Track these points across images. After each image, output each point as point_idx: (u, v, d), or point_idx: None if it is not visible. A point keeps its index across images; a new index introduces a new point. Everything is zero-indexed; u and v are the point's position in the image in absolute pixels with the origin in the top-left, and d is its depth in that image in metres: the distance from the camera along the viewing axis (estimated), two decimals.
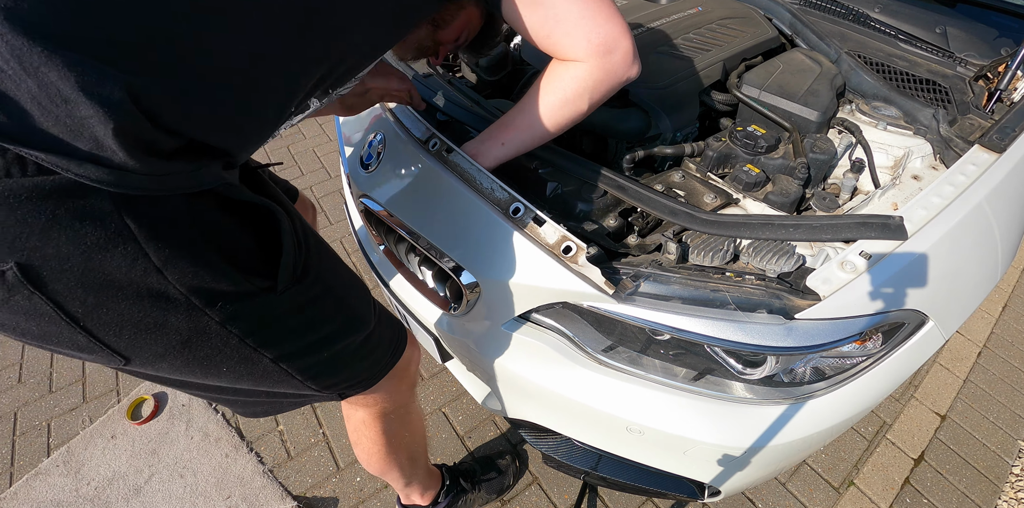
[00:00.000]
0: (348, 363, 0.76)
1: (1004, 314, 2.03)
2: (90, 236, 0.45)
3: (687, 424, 0.85)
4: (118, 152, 0.44)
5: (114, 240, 0.46)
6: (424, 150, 0.97)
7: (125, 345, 0.53)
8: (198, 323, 0.55)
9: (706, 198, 0.94)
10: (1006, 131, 0.98)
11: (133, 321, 0.52)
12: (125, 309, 0.50)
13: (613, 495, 1.40)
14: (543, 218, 0.80)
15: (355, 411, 0.91)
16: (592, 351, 0.89)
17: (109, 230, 0.46)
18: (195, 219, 0.52)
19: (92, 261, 0.46)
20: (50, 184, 0.42)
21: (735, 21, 1.27)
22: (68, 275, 0.46)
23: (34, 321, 0.48)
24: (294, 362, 0.67)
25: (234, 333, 0.58)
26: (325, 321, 0.69)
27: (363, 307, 0.77)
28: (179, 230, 0.51)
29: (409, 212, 1.00)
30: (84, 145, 0.43)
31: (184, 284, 0.52)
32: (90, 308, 0.49)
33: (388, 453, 0.98)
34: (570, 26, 0.70)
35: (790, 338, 0.74)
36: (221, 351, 0.59)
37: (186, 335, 0.55)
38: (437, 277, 1.07)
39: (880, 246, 0.79)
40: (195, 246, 0.52)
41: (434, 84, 1.15)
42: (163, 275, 0.50)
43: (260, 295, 0.59)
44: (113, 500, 1.37)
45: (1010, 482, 1.52)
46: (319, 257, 0.69)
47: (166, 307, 0.52)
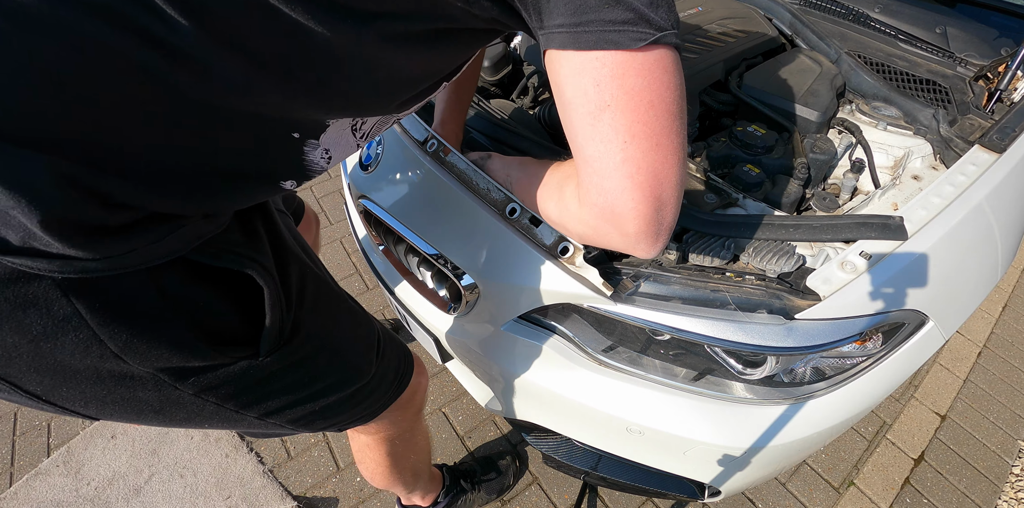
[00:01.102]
0: (344, 408, 0.72)
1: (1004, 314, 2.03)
2: (35, 326, 0.41)
3: (687, 424, 0.85)
4: (53, 243, 0.38)
5: (63, 328, 0.42)
6: (422, 151, 0.97)
7: (95, 412, 0.50)
8: (169, 396, 0.51)
9: (706, 198, 0.94)
10: (1006, 131, 0.98)
11: (97, 398, 0.48)
12: (87, 388, 0.47)
13: (613, 495, 1.40)
14: (539, 219, 0.80)
15: (358, 435, 0.89)
16: (592, 351, 0.89)
17: (56, 318, 0.41)
18: (159, 291, 0.46)
19: (41, 349, 0.42)
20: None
21: (735, 21, 1.27)
22: (18, 362, 0.43)
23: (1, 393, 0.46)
24: (281, 416, 0.63)
25: (210, 401, 0.54)
26: (316, 378, 0.64)
27: (361, 356, 0.71)
28: (139, 310, 0.45)
29: (408, 213, 1.00)
30: (14, 236, 0.38)
31: (148, 365, 0.47)
32: (49, 388, 0.46)
33: (392, 473, 0.98)
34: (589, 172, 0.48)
35: (790, 338, 0.74)
36: (199, 414, 0.55)
37: (158, 405, 0.52)
38: (436, 278, 1.07)
39: (880, 246, 0.79)
40: (158, 326, 0.46)
41: None
42: (122, 360, 0.46)
43: (238, 363, 0.54)
44: (113, 500, 1.37)
45: (1010, 482, 1.52)
46: (315, 306, 0.63)
47: (131, 385, 0.48)
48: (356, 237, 1.31)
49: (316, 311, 0.63)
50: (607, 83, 0.44)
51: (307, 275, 0.63)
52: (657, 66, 0.45)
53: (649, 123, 0.45)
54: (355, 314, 0.73)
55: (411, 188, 1.01)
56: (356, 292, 1.93)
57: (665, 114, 0.46)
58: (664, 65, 0.45)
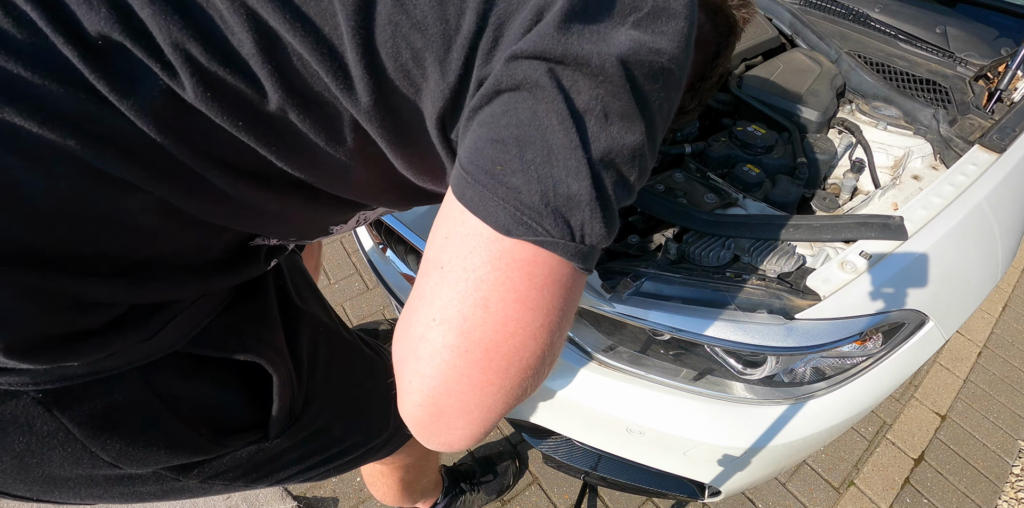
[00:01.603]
0: (362, 461, 0.70)
1: (1004, 314, 2.03)
2: (18, 444, 0.37)
3: (687, 424, 0.85)
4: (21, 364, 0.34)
5: (48, 444, 0.38)
6: None
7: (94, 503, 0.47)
8: (173, 486, 0.48)
9: (706, 198, 0.94)
10: (1006, 131, 0.98)
11: (95, 495, 0.45)
12: (82, 490, 0.44)
13: (613, 495, 1.40)
14: None
15: (372, 465, 0.87)
16: (592, 351, 0.89)
17: (40, 435, 0.38)
18: (154, 394, 0.42)
19: (27, 465, 0.39)
20: None
21: None
22: (5, 475, 0.39)
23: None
24: (296, 479, 0.61)
25: (218, 484, 0.52)
26: (332, 445, 0.61)
27: (379, 412, 0.67)
28: (131, 415, 0.41)
29: (409, 213, 1.00)
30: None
31: (148, 467, 0.44)
32: (39, 493, 0.43)
33: (404, 495, 0.98)
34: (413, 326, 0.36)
35: (790, 338, 0.74)
36: (207, 493, 0.53)
37: (161, 494, 0.49)
38: None
39: (880, 246, 0.79)
40: (154, 428, 0.43)
41: None
42: (117, 467, 0.42)
43: (246, 448, 0.51)
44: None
45: (1010, 482, 1.52)
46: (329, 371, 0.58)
47: (131, 483, 0.45)
48: (356, 237, 1.31)
49: (329, 375, 0.59)
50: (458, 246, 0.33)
51: (319, 334, 0.58)
52: (525, 269, 0.32)
53: (473, 318, 0.32)
54: (368, 361, 0.68)
55: None
56: (356, 292, 1.93)
57: (497, 325, 0.33)
58: (535, 273, 0.32)
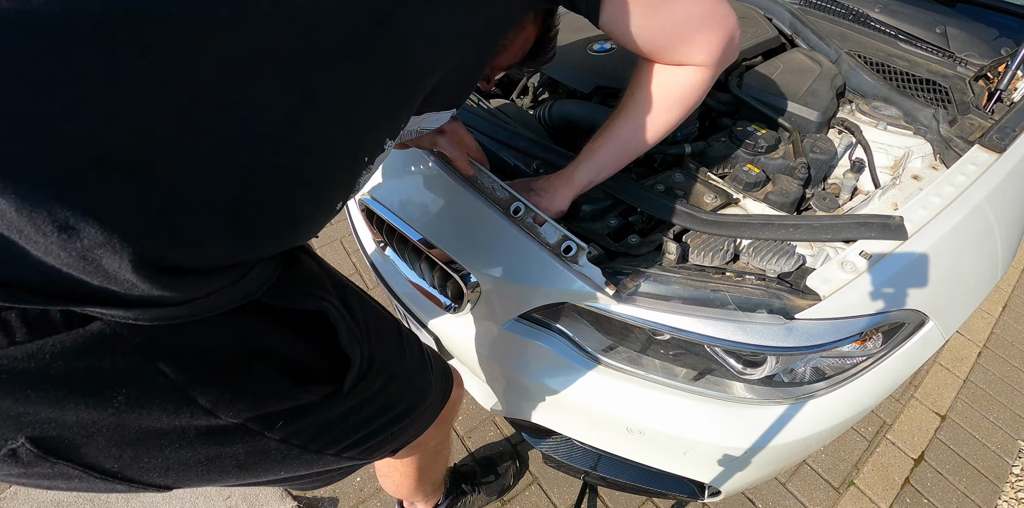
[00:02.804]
0: (407, 431, 0.72)
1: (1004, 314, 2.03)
2: (118, 398, 0.37)
3: (687, 424, 0.85)
4: (139, 284, 0.35)
5: (149, 395, 0.39)
6: (426, 150, 0.97)
7: (172, 481, 0.47)
8: (256, 446, 0.49)
9: (706, 198, 0.94)
10: (1006, 131, 0.98)
11: (181, 461, 0.45)
12: (171, 453, 0.44)
13: (613, 495, 1.40)
14: (543, 218, 0.80)
15: None
16: (592, 351, 0.89)
17: (141, 386, 0.38)
18: (241, 338, 0.44)
19: (125, 420, 0.39)
20: (50, 349, 0.34)
21: None
22: (97, 438, 0.39)
23: (62, 482, 0.42)
24: (357, 449, 0.63)
25: (295, 444, 0.53)
26: (391, 406, 0.65)
27: (423, 377, 0.72)
28: (226, 358, 0.43)
29: (410, 211, 1.00)
30: (93, 279, 0.33)
31: (239, 416, 0.45)
32: (128, 461, 0.42)
33: (418, 484, 0.98)
34: (694, 31, 0.62)
35: (790, 338, 0.74)
36: (280, 462, 0.54)
37: (243, 459, 0.50)
38: (439, 276, 1.07)
39: (880, 246, 0.79)
40: (247, 372, 0.45)
41: None
42: (214, 415, 0.43)
43: (322, 401, 0.53)
44: (113, 500, 1.37)
45: (1010, 482, 1.52)
46: (380, 336, 0.62)
47: (220, 441, 0.46)
48: (356, 236, 1.31)
49: (381, 339, 0.62)
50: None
51: (364, 303, 0.62)
52: None
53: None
54: (405, 333, 0.71)
55: (414, 186, 1.01)
56: None
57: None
58: None
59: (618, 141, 0.77)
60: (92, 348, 0.36)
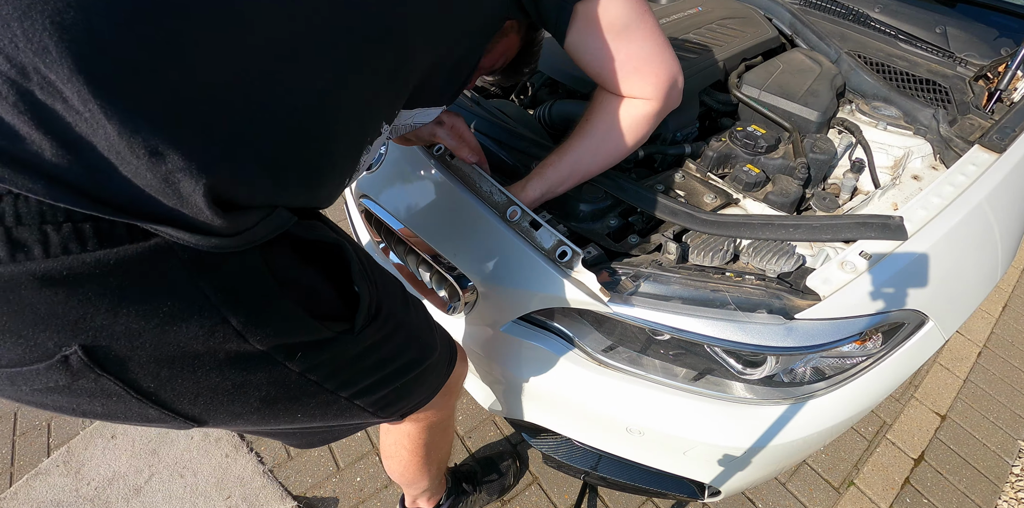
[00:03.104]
0: (416, 388, 0.75)
1: (1004, 314, 2.03)
2: (163, 308, 0.41)
3: (687, 424, 0.85)
4: (205, 210, 0.40)
5: (190, 309, 0.42)
6: (427, 153, 0.97)
7: (200, 411, 0.50)
8: (278, 377, 0.53)
9: (706, 198, 0.94)
10: (1006, 131, 0.98)
11: (210, 387, 0.48)
12: (202, 377, 0.47)
13: (613, 495, 1.40)
14: (540, 222, 0.80)
15: (401, 425, 0.89)
16: (592, 351, 0.89)
17: (184, 299, 0.42)
18: (271, 270, 0.48)
19: (167, 334, 0.42)
20: (114, 257, 0.38)
21: (735, 21, 1.27)
22: (140, 352, 0.42)
23: (99, 401, 0.45)
24: (369, 396, 0.66)
25: (313, 380, 0.56)
26: (399, 355, 0.68)
27: (429, 334, 0.76)
28: (256, 287, 0.47)
29: (409, 213, 1.00)
30: (168, 201, 0.39)
31: (265, 343, 0.49)
32: (164, 381, 0.45)
33: (424, 464, 0.98)
34: (643, 65, 0.72)
35: (790, 338, 0.74)
36: (299, 399, 0.57)
37: (266, 391, 0.53)
38: (436, 279, 1.07)
39: (880, 246, 0.79)
40: (273, 301, 0.49)
41: None
42: (243, 338, 0.47)
43: (338, 339, 0.57)
44: (113, 500, 1.37)
45: (1010, 482, 1.52)
46: (387, 288, 0.67)
47: (246, 367, 0.49)
48: (356, 236, 1.31)
49: (387, 291, 0.67)
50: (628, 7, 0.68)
51: (373, 264, 0.66)
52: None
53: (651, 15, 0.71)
54: (414, 300, 0.76)
55: (413, 189, 1.01)
56: None
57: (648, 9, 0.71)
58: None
59: (571, 161, 0.83)
60: (149, 260, 0.40)
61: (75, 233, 0.37)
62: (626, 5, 0.68)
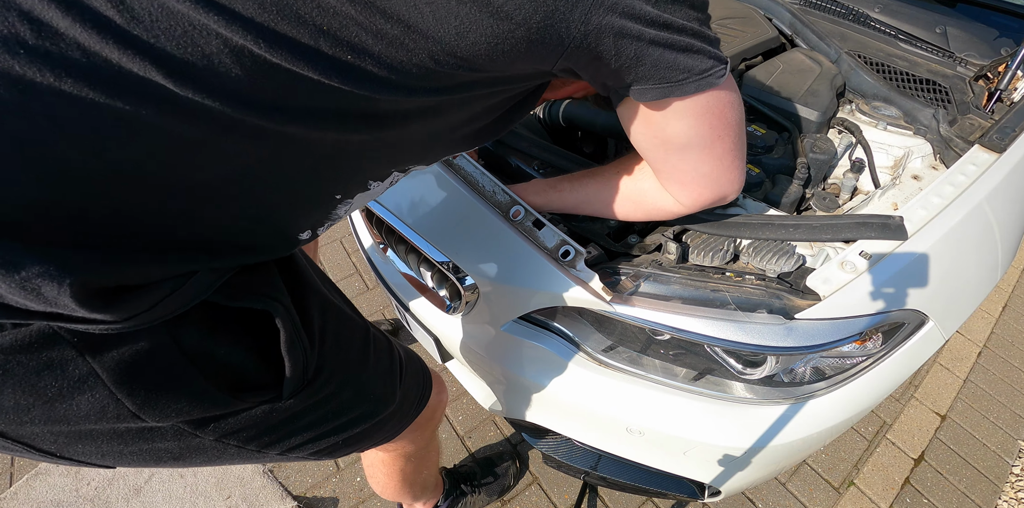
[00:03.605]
0: (367, 436, 0.71)
1: (1004, 314, 2.03)
2: (50, 388, 0.40)
3: (687, 424, 0.85)
4: (78, 310, 0.37)
5: (79, 388, 0.41)
6: None
7: (113, 463, 0.50)
8: (188, 443, 0.51)
9: None
10: (1006, 131, 0.98)
11: (115, 451, 0.48)
12: (103, 444, 0.46)
13: (613, 495, 1.40)
14: (543, 221, 0.80)
15: (374, 453, 0.88)
16: (592, 351, 0.89)
17: (72, 379, 0.41)
18: (177, 345, 0.45)
19: (56, 411, 0.41)
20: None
21: (735, 21, 1.27)
22: (31, 424, 0.42)
23: (11, 452, 0.45)
24: (304, 450, 0.63)
25: (231, 444, 0.54)
26: (341, 413, 0.64)
27: (386, 383, 0.71)
28: (156, 366, 0.44)
29: (410, 212, 1.00)
30: (36, 304, 0.36)
31: (167, 419, 0.47)
32: (64, 445, 0.45)
33: (403, 487, 0.98)
34: (691, 181, 0.66)
35: (790, 338, 0.74)
36: (219, 457, 0.55)
37: (178, 453, 0.52)
38: (437, 278, 1.07)
39: (880, 246, 0.79)
40: (177, 379, 0.46)
41: None
42: (140, 419, 0.45)
43: (260, 406, 0.53)
44: (113, 500, 1.37)
45: (1010, 482, 1.52)
46: (337, 341, 0.61)
47: (150, 437, 0.48)
48: (356, 237, 1.31)
49: (339, 346, 0.62)
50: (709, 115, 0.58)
51: (328, 309, 0.61)
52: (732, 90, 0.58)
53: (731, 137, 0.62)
54: (376, 341, 0.71)
55: (414, 188, 1.01)
56: (356, 292, 1.93)
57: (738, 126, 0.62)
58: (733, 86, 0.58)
59: (575, 197, 0.83)
60: (32, 344, 0.39)
61: None
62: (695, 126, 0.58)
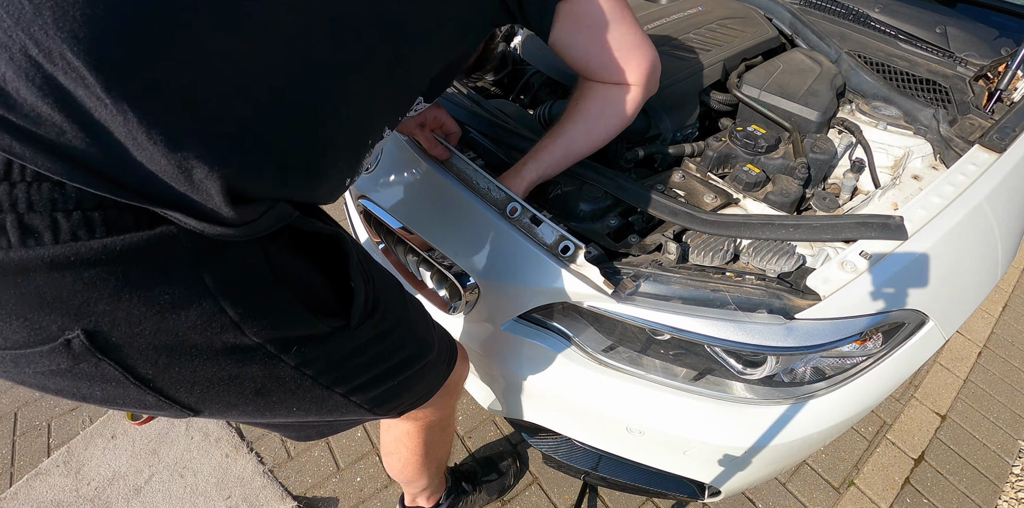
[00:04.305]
0: (412, 386, 0.75)
1: (1004, 314, 2.03)
2: (164, 295, 0.42)
3: (687, 424, 0.85)
4: (215, 197, 0.42)
5: (189, 298, 0.44)
6: (421, 151, 0.97)
7: (196, 399, 0.51)
8: (273, 370, 0.53)
9: (706, 198, 0.94)
10: (1006, 131, 0.98)
11: (207, 377, 0.49)
12: (199, 366, 0.48)
13: (613, 495, 1.40)
14: (540, 218, 0.80)
15: (401, 423, 0.90)
16: (592, 351, 0.89)
17: (184, 287, 0.43)
18: (270, 263, 0.49)
19: (166, 321, 0.43)
20: (120, 244, 0.39)
21: (735, 21, 1.27)
22: (140, 338, 0.43)
23: (99, 386, 0.46)
24: (365, 393, 0.66)
25: (308, 375, 0.57)
26: (395, 352, 0.68)
27: (427, 332, 0.76)
28: (255, 278, 0.48)
29: (408, 213, 1.00)
30: (180, 187, 0.41)
31: (261, 335, 0.49)
32: (162, 368, 0.46)
33: (423, 462, 0.99)
34: (624, 55, 0.76)
35: (790, 338, 0.74)
36: (294, 393, 0.58)
37: (260, 383, 0.54)
38: (436, 278, 1.07)
39: (880, 246, 0.79)
40: (271, 294, 0.50)
41: None
42: (240, 330, 0.47)
43: (334, 334, 0.57)
44: (113, 500, 1.37)
45: (1010, 482, 1.52)
46: (384, 286, 0.68)
47: (241, 359, 0.50)
48: (355, 237, 1.31)
49: (386, 289, 0.68)
50: None
51: (368, 259, 0.67)
52: None
53: (629, 8, 0.76)
54: (412, 298, 0.77)
55: (411, 188, 1.01)
56: None
57: None
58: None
59: (565, 144, 0.86)
60: (153, 248, 0.41)
61: (84, 221, 0.38)
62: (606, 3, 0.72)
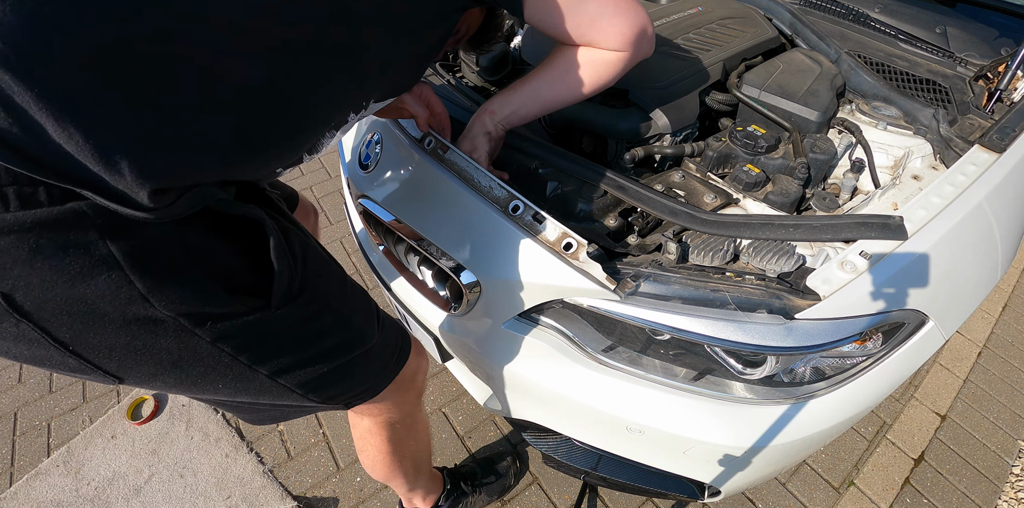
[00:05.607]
0: (349, 375, 0.75)
1: (1004, 314, 2.03)
2: (74, 264, 0.45)
3: (687, 424, 0.85)
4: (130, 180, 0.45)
5: (98, 268, 0.46)
6: (420, 149, 0.97)
7: (116, 366, 0.53)
8: (187, 343, 0.55)
9: (706, 198, 0.94)
10: (1006, 131, 0.97)
11: (121, 345, 0.52)
12: (112, 334, 0.50)
13: (613, 495, 1.40)
14: (543, 215, 0.80)
15: (361, 419, 0.90)
16: (592, 351, 0.89)
17: (93, 258, 0.46)
18: (182, 241, 0.52)
19: (76, 289, 0.46)
20: (31, 218, 0.43)
21: (735, 21, 1.27)
22: (53, 303, 0.46)
23: (24, 346, 0.49)
24: (291, 377, 0.66)
25: (225, 351, 0.58)
26: (324, 336, 0.68)
27: (365, 320, 0.75)
28: (164, 255, 0.50)
29: (408, 212, 1.00)
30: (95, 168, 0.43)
31: (171, 309, 0.51)
32: (77, 333, 0.49)
33: (393, 461, 0.98)
34: (604, 24, 0.73)
35: (790, 338, 0.74)
36: (214, 369, 0.59)
37: (176, 355, 0.55)
38: (437, 277, 1.07)
39: (880, 246, 0.79)
40: (181, 270, 0.52)
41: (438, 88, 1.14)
42: (148, 302, 0.50)
43: (253, 313, 0.58)
44: (113, 500, 1.37)
45: (1010, 482, 1.52)
46: (317, 271, 0.67)
47: (154, 330, 0.52)
48: (356, 237, 1.31)
49: (319, 275, 0.68)
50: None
51: (308, 246, 0.67)
52: None
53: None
54: (353, 286, 0.76)
55: (410, 187, 1.01)
56: None
57: None
58: None
59: (534, 86, 0.86)
60: (64, 221, 0.44)
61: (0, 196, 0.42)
62: None
